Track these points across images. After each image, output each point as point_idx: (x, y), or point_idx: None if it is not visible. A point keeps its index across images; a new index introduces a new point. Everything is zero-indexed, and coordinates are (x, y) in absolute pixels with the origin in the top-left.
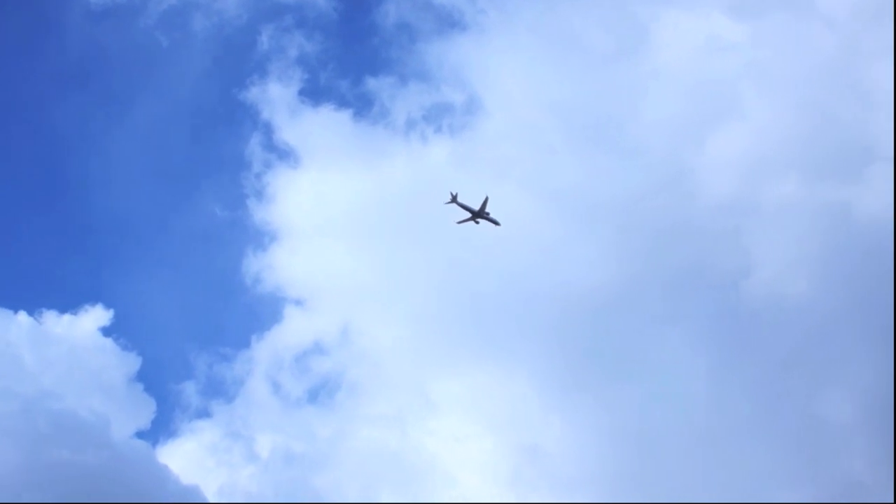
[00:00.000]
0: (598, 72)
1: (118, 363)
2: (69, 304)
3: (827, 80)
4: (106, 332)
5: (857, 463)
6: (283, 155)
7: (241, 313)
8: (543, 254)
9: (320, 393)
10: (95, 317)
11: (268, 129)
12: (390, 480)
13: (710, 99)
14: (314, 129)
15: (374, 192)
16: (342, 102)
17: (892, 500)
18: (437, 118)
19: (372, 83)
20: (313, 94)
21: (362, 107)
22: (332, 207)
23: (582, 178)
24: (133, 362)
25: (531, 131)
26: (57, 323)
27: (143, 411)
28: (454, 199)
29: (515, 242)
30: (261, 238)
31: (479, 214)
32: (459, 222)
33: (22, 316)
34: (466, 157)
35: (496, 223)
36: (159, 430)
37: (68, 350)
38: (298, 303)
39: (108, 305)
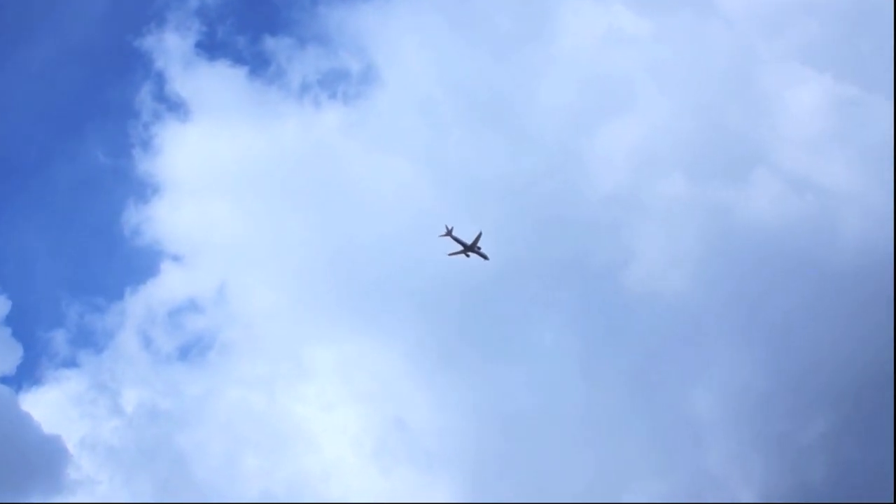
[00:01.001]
0: (499, 53)
1: None
2: None
3: (721, 83)
4: None
5: (716, 459)
6: (174, 107)
7: (117, 264)
8: (427, 230)
9: (191, 351)
10: None
11: (160, 80)
12: (255, 443)
13: (606, 91)
14: (208, 83)
15: (263, 153)
16: (238, 59)
17: (893, 501)
18: (333, 84)
19: (270, 42)
20: (210, 48)
21: (258, 65)
22: (219, 165)
23: (472, 158)
24: (2, 306)
25: (426, 106)
26: None
27: (9, 356)
28: (449, 233)
29: (400, 217)
30: (143, 189)
31: (470, 248)
32: (451, 254)
33: None
34: (358, 125)
35: (485, 258)
36: (24, 376)
37: None
38: (176, 258)
39: None
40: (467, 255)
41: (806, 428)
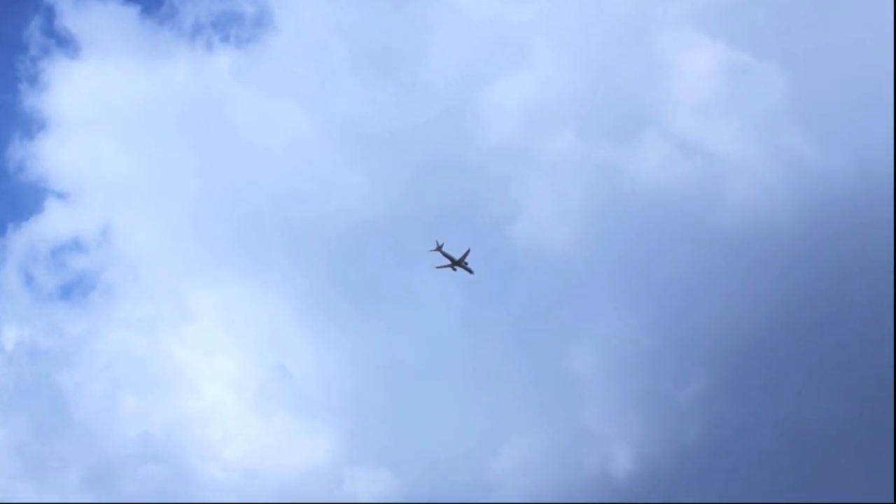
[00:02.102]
0: (394, 2)
1: None
2: None
3: (616, 43)
4: None
5: (594, 416)
6: (63, 43)
7: (0, 200)
8: (316, 178)
9: (74, 290)
10: None
11: (50, 14)
12: (135, 385)
13: (501, 44)
14: (99, 20)
15: (153, 94)
16: None
17: (893, 501)
18: (226, 27)
19: None
20: None
21: (151, 4)
22: (108, 103)
23: (363, 107)
24: None
25: (318, 54)
26: None
27: None
28: (439, 248)
29: (290, 164)
30: (29, 125)
31: (457, 263)
32: (438, 267)
33: None
34: (250, 70)
35: (470, 272)
36: None
37: None
38: (61, 196)
39: None
40: (454, 269)
41: (684, 388)
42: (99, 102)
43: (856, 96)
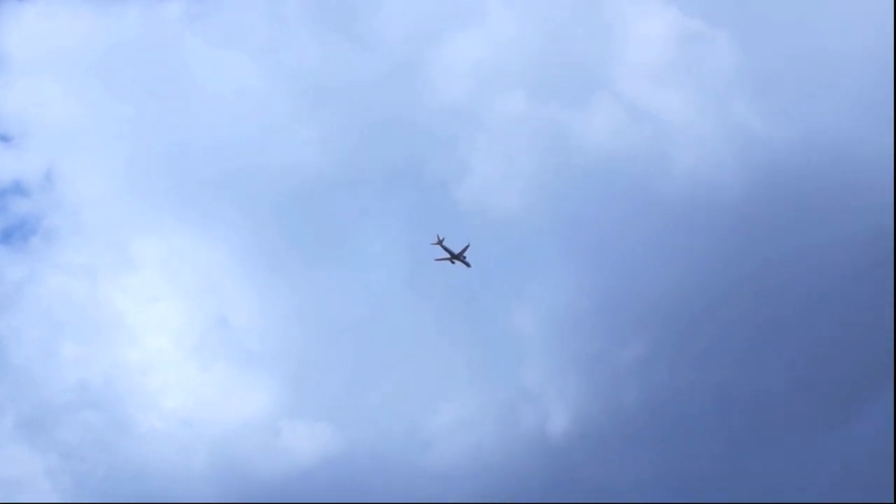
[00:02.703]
0: None
1: None
2: None
3: (570, 6)
4: None
5: (533, 376)
6: None
7: None
8: (264, 130)
9: (14, 234)
10: None
11: None
12: (73, 332)
13: (455, 3)
14: None
15: (102, 38)
16: None
17: (893, 501)
18: None
19: None
20: None
21: None
22: (56, 46)
23: (315, 61)
24: None
25: (272, 5)
26: None
27: None
28: (440, 242)
29: (238, 115)
30: None
31: (456, 257)
32: (437, 259)
33: None
34: (202, 18)
35: (468, 265)
36: None
37: None
38: (5, 139)
39: None
40: (452, 262)
41: (623, 350)
42: (47, 46)
43: (805, 68)
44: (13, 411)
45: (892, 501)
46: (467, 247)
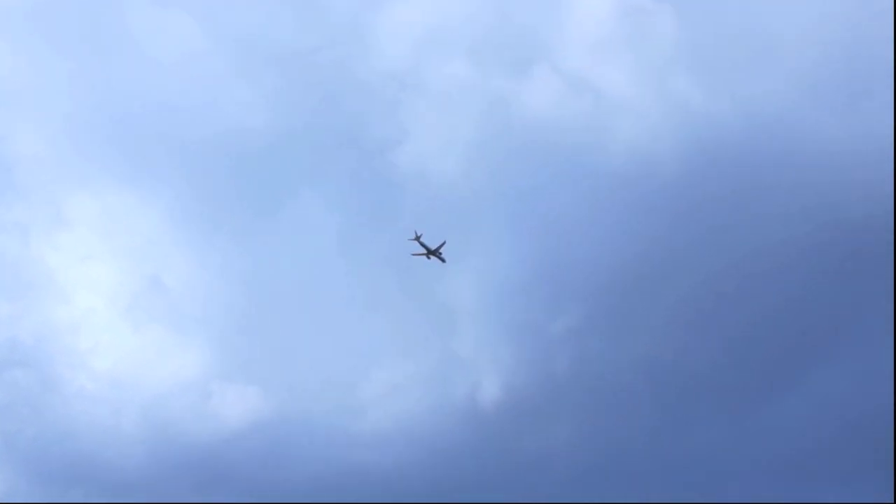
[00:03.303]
0: None
1: None
2: None
3: None
4: None
5: (466, 343)
6: None
7: None
8: (205, 92)
9: None
10: None
11: None
12: (5, 289)
13: None
14: None
15: None
16: None
17: (893, 501)
18: None
19: None
20: None
21: None
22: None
23: (257, 24)
24: None
25: None
26: None
27: None
28: (418, 238)
29: (179, 75)
30: None
31: (432, 253)
32: (414, 254)
33: None
34: None
35: (443, 261)
36: None
37: None
38: None
39: None
40: (428, 258)
41: (555, 320)
42: None
43: (746, 45)
44: None
45: (893, 501)
46: (443, 244)
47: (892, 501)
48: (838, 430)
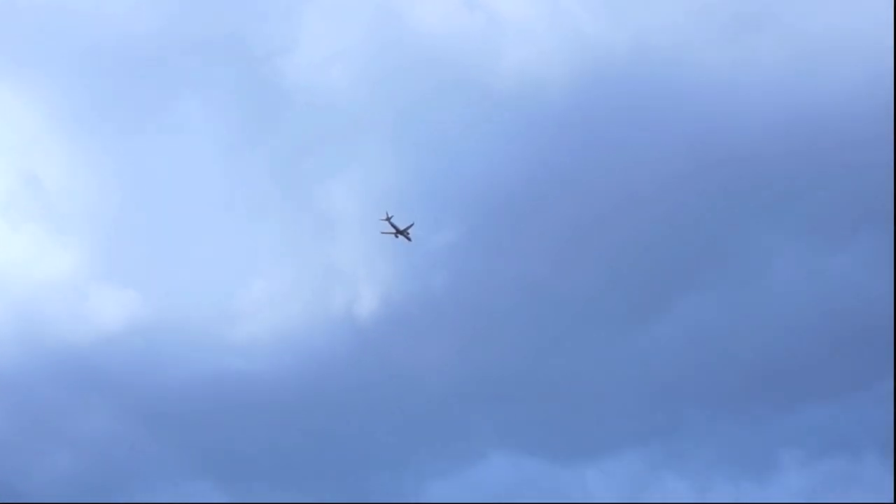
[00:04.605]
0: None
1: None
2: None
3: None
4: None
5: (345, 255)
6: None
7: None
8: None
9: None
10: None
11: None
12: None
13: None
14: None
15: None
16: None
17: (893, 501)
18: None
19: None
20: None
21: None
22: None
23: None
24: None
25: None
26: None
27: None
28: (388, 219)
29: None
30: None
31: (401, 233)
32: (383, 233)
33: None
34: None
35: (409, 240)
36: None
37: None
38: None
39: None
40: (396, 237)
41: (435, 235)
42: None
43: None
44: None
45: (893, 502)
46: (412, 225)
47: (892, 502)
48: (711, 356)
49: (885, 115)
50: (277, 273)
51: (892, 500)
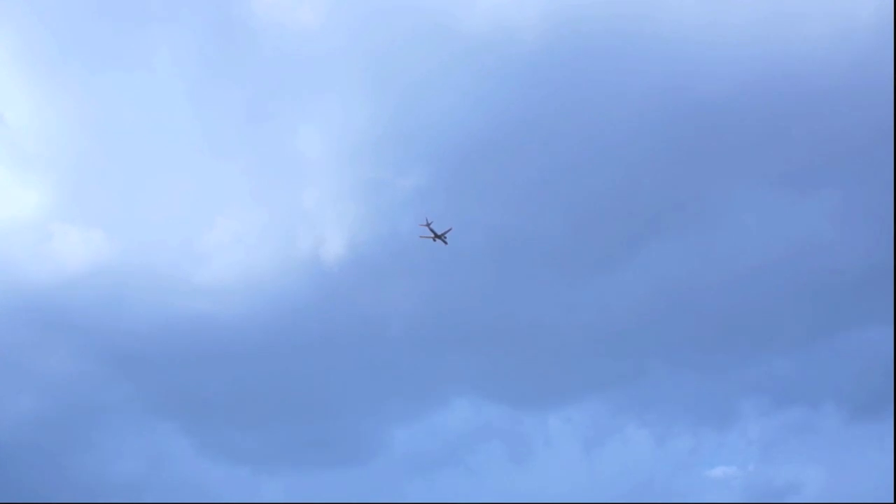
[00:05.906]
0: None
1: None
2: None
3: None
4: None
5: (312, 197)
6: None
7: None
8: None
9: None
10: None
11: None
12: None
13: None
14: None
15: None
16: None
17: (893, 501)
18: None
19: None
20: None
21: None
22: None
23: None
24: None
25: None
26: None
27: None
28: (428, 224)
29: None
30: None
31: (438, 237)
32: (421, 237)
33: None
34: None
35: (446, 243)
36: None
37: None
38: None
39: None
40: (434, 241)
41: (402, 179)
42: None
43: None
44: None
45: (893, 502)
46: (449, 230)
47: (893, 502)
48: (674, 305)
49: (853, 68)
50: (245, 215)
51: (892, 501)
